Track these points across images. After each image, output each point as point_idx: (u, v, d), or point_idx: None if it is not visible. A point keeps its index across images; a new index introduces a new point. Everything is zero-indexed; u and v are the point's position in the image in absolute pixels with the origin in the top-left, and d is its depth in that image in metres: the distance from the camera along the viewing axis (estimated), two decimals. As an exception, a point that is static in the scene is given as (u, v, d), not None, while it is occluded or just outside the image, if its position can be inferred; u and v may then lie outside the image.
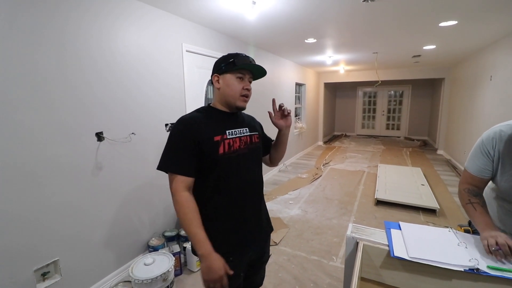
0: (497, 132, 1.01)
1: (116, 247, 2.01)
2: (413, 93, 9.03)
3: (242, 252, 1.06)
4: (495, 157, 1.01)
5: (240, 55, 1.04)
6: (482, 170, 1.05)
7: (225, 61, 1.04)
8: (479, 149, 1.05)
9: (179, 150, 0.97)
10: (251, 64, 1.03)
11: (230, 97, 1.04)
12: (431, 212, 3.16)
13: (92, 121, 1.82)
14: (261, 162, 1.19)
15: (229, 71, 1.03)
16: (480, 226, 0.97)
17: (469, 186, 1.09)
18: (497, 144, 1.00)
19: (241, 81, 1.04)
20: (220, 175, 1.01)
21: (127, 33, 2.02)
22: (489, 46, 4.02)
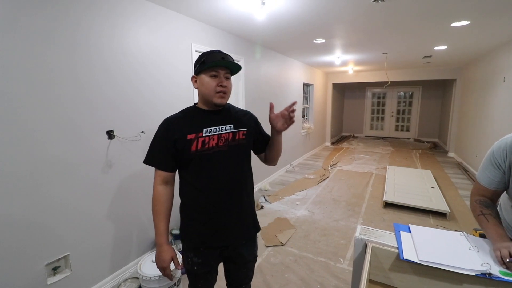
0: (508, 143, 0.97)
1: (124, 243, 2.04)
2: (423, 94, 8.87)
3: (213, 245, 1.12)
4: (506, 169, 0.98)
5: (211, 53, 1.07)
6: (493, 182, 1.03)
7: (198, 62, 1.08)
8: (490, 160, 1.03)
9: (159, 147, 1.09)
10: (221, 61, 1.04)
11: (206, 96, 1.07)
12: (441, 215, 3.10)
13: (103, 119, 1.85)
14: (246, 160, 1.18)
15: (202, 71, 1.06)
16: (493, 237, 0.94)
17: (481, 198, 1.07)
18: (508, 156, 0.97)
19: (215, 78, 1.05)
20: (193, 171, 1.08)
21: (137, 33, 2.06)
22: (503, 46, 3.91)
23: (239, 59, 3.37)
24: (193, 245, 1.13)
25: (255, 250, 1.26)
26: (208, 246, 1.12)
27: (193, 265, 1.14)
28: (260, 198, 3.68)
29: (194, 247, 1.13)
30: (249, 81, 3.66)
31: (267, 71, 4.20)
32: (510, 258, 0.85)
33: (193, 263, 1.14)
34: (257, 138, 1.23)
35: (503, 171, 0.99)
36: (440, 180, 4.36)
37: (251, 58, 3.69)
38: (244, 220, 1.17)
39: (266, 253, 2.39)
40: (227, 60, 1.05)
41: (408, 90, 9.17)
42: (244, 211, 1.16)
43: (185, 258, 1.17)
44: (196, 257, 1.13)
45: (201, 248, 1.12)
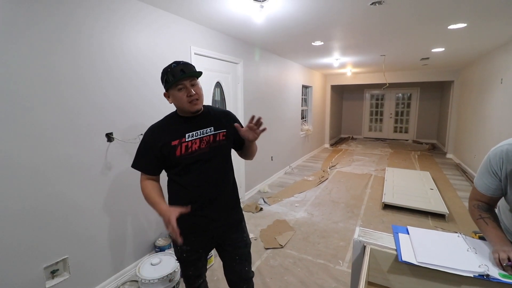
0: (504, 151, 0.97)
1: (123, 246, 2.04)
2: (421, 95, 8.91)
3: (200, 234, 1.25)
4: (502, 177, 0.98)
5: (171, 69, 1.15)
6: (490, 189, 1.03)
7: (162, 80, 1.19)
8: (487, 168, 1.03)
9: (143, 153, 1.21)
10: (182, 75, 1.12)
11: (181, 107, 1.18)
12: (440, 217, 3.11)
13: (103, 122, 1.85)
14: (227, 158, 1.29)
15: (170, 88, 1.16)
16: (493, 240, 0.95)
17: (479, 203, 1.08)
18: (505, 164, 0.97)
19: (183, 90, 1.14)
20: (179, 172, 1.19)
21: (138, 37, 2.07)
22: (500, 48, 3.95)
23: (238, 62, 3.39)
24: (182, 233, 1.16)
25: (245, 237, 1.35)
26: (195, 235, 1.24)
27: (182, 252, 1.27)
28: (259, 200, 3.67)
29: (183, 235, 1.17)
30: (248, 83, 3.67)
31: (266, 73, 4.21)
32: (509, 262, 0.85)
33: (182, 251, 1.27)
34: (236, 137, 1.30)
35: (500, 179, 0.99)
36: (438, 182, 4.37)
37: (250, 61, 3.70)
38: (228, 210, 1.29)
39: (265, 255, 2.39)
40: (188, 72, 1.13)
41: (406, 91, 9.21)
42: (227, 201, 1.28)
43: (175, 247, 1.30)
44: (185, 244, 1.24)
45: (188, 235, 1.21)
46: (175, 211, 1.09)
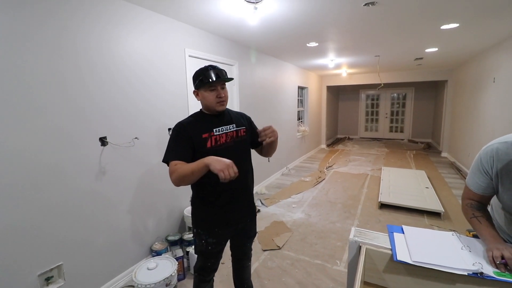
0: (494, 149, 0.98)
1: (119, 251, 2.02)
2: (416, 95, 8.99)
3: (226, 227, 1.36)
4: (493, 175, 0.99)
5: (207, 71, 1.27)
6: (481, 188, 1.04)
7: (196, 79, 1.30)
8: (478, 167, 1.04)
9: (176, 144, 1.26)
10: (216, 80, 1.25)
11: (209, 106, 1.31)
12: (435, 215, 3.13)
13: (96, 126, 1.84)
14: (248, 152, 1.44)
15: (201, 86, 1.29)
16: (486, 238, 0.96)
17: (471, 201, 1.08)
18: (495, 163, 0.98)
19: (214, 91, 1.28)
20: None
21: (128, 39, 2.05)
22: (492, 48, 4.00)
23: (233, 63, 3.39)
24: (209, 227, 1.34)
25: (255, 228, 1.55)
26: (222, 227, 1.35)
27: (207, 245, 1.35)
28: (257, 201, 3.67)
29: (210, 229, 1.34)
30: (244, 85, 3.67)
31: (262, 75, 4.22)
32: (502, 260, 0.86)
33: (208, 244, 1.35)
34: (252, 135, 1.48)
35: (490, 178, 1.00)
36: (434, 180, 4.41)
37: (245, 62, 3.71)
38: (250, 202, 1.45)
39: (263, 257, 2.38)
40: (222, 78, 1.28)
41: (401, 91, 9.29)
42: (249, 194, 1.44)
43: (199, 241, 1.37)
44: (211, 237, 1.34)
45: (215, 229, 1.34)
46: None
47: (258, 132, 1.34)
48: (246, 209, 1.43)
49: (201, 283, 1.45)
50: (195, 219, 1.39)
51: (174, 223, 2.54)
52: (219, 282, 2.04)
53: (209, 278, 1.46)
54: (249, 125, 1.49)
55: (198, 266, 1.44)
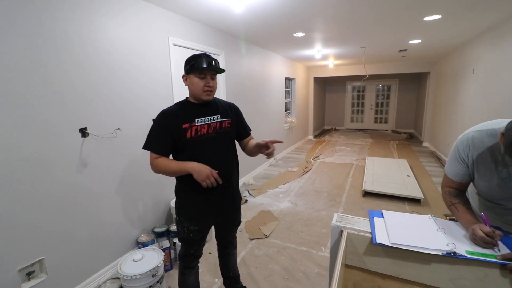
0: (469, 138, 1.02)
1: (104, 244, 1.99)
2: (400, 87, 9.19)
3: (208, 215, 1.39)
4: (469, 163, 1.03)
5: (199, 58, 1.26)
6: (458, 175, 1.08)
7: (188, 64, 1.29)
8: (455, 155, 1.07)
9: (156, 135, 1.28)
10: (208, 67, 1.24)
11: (195, 93, 1.30)
12: (416, 202, 3.26)
13: (75, 117, 1.77)
14: (231, 143, 1.44)
15: (192, 72, 1.27)
16: (464, 224, 0.99)
17: (450, 189, 1.12)
18: (471, 151, 1.01)
19: (203, 79, 1.27)
20: (189, 155, 1.28)
21: (110, 26, 1.97)
22: (472, 40, 4.12)
23: (219, 53, 3.33)
24: (191, 215, 1.36)
25: (239, 217, 1.58)
26: (205, 215, 1.38)
27: (189, 232, 1.37)
28: (244, 192, 3.69)
29: (192, 217, 1.36)
30: (230, 75, 3.62)
31: (249, 65, 4.18)
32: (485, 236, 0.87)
33: (189, 231, 1.37)
34: (238, 128, 1.48)
35: (467, 165, 1.04)
36: (415, 169, 4.57)
37: (232, 52, 3.65)
38: (232, 192, 1.45)
39: (250, 245, 2.41)
40: (214, 66, 1.27)
41: (385, 83, 9.47)
42: (232, 185, 1.43)
43: (181, 228, 1.39)
44: (193, 225, 1.36)
45: (197, 217, 1.36)
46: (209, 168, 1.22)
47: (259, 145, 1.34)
48: (229, 199, 1.44)
49: (185, 269, 1.47)
50: (177, 207, 1.41)
51: (161, 215, 2.52)
52: (207, 272, 2.06)
53: (193, 264, 1.48)
54: (236, 117, 1.47)
55: (181, 253, 1.46)
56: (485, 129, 0.99)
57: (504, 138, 0.81)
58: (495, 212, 1.06)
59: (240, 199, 1.57)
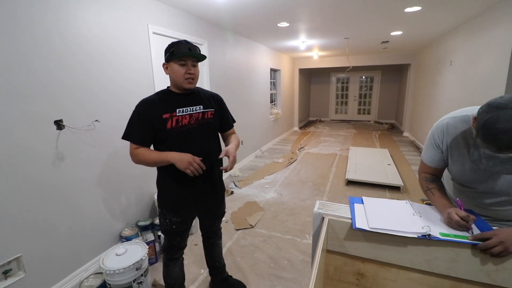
0: (444, 124, 1.05)
1: (85, 239, 1.94)
2: (382, 78, 9.40)
3: (190, 206, 1.37)
4: (444, 148, 1.07)
5: (179, 44, 1.22)
6: (434, 161, 1.12)
7: (168, 51, 1.24)
8: (430, 141, 1.11)
9: (136, 125, 1.24)
10: (188, 52, 1.20)
11: (177, 81, 1.26)
12: (396, 189, 3.39)
13: (50, 108, 1.68)
14: (214, 134, 1.41)
15: (172, 59, 1.23)
16: (439, 208, 1.04)
17: (426, 175, 1.16)
18: (445, 137, 1.05)
19: (184, 66, 1.23)
20: (170, 146, 1.25)
21: (86, 12, 1.87)
22: (450, 33, 4.25)
23: (202, 42, 3.25)
24: (173, 207, 1.34)
25: (223, 208, 1.58)
26: (187, 207, 1.36)
27: (172, 224, 1.36)
28: (230, 184, 3.69)
29: (174, 209, 1.34)
30: (214, 65, 3.56)
31: (233, 55, 4.11)
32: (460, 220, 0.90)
33: (172, 223, 1.36)
34: (221, 119, 1.45)
35: (441, 151, 1.08)
36: (395, 158, 4.73)
37: (216, 42, 3.57)
38: (215, 183, 1.43)
39: (236, 236, 2.43)
40: (194, 52, 1.22)
41: (369, 75, 9.65)
42: (214, 175, 1.40)
43: (163, 220, 1.38)
44: (176, 216, 1.35)
45: (179, 208, 1.35)
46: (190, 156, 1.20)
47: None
48: (212, 190, 1.42)
49: (169, 261, 1.47)
50: (160, 199, 1.38)
51: (145, 208, 2.47)
52: (192, 263, 2.06)
53: (177, 256, 1.47)
54: (220, 107, 1.44)
55: (165, 245, 1.45)
56: (459, 116, 1.03)
57: (476, 122, 0.85)
58: (467, 196, 1.12)
59: (224, 190, 1.56)
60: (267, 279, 1.88)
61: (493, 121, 0.77)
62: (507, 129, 0.74)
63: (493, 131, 0.77)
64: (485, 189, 1.02)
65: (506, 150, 0.77)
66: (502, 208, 1.03)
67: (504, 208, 1.03)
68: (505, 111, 0.75)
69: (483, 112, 0.81)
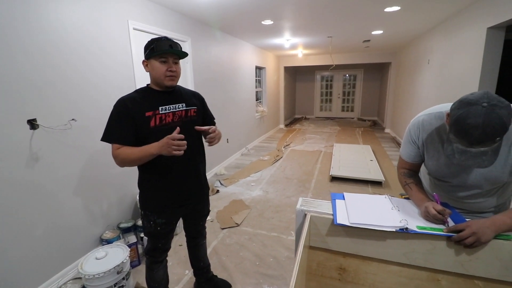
0: (420, 121, 1.09)
1: (63, 244, 1.86)
2: (365, 76, 9.62)
3: (174, 207, 1.34)
4: (420, 144, 1.11)
5: (160, 41, 1.19)
6: (411, 156, 1.15)
7: (148, 48, 1.20)
8: (407, 137, 1.15)
9: (116, 124, 1.18)
10: (169, 49, 1.17)
11: (158, 79, 1.22)
12: (378, 184, 3.49)
13: (22, 107, 1.59)
14: (197, 133, 1.36)
15: (152, 56, 1.19)
16: (417, 201, 1.07)
17: (404, 170, 1.20)
18: (421, 133, 1.09)
19: (165, 64, 1.20)
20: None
21: (64, 7, 1.79)
22: (428, 32, 4.40)
23: (185, 39, 3.18)
24: (157, 208, 1.30)
25: (208, 206, 1.56)
26: (172, 207, 1.33)
27: (156, 226, 1.31)
28: (216, 183, 3.66)
29: (158, 210, 1.30)
30: (198, 62, 3.50)
31: (218, 53, 4.06)
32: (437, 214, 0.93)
33: (157, 224, 1.31)
34: (203, 116, 1.45)
35: (418, 147, 1.12)
36: (377, 154, 4.87)
37: (200, 39, 3.51)
38: (200, 182, 1.41)
39: (222, 235, 2.42)
40: (175, 49, 1.19)
41: (352, 73, 9.85)
42: (199, 174, 1.40)
43: (147, 222, 1.33)
44: (160, 218, 1.31)
45: (163, 209, 1.31)
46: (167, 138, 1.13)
47: (201, 132, 1.33)
48: (196, 189, 1.40)
49: (153, 264, 1.43)
50: (142, 200, 1.34)
51: (127, 209, 2.40)
52: (177, 264, 2.03)
53: (161, 258, 1.44)
54: (201, 105, 1.44)
55: (148, 248, 1.41)
56: (433, 113, 1.07)
57: (449, 118, 0.88)
58: (443, 190, 1.16)
59: (208, 188, 1.54)
60: (253, 277, 1.88)
61: (464, 117, 0.80)
62: (477, 124, 0.77)
63: (464, 127, 0.80)
64: (458, 183, 1.06)
65: (476, 145, 0.80)
66: (475, 201, 1.08)
67: (477, 200, 1.07)
68: (476, 107, 0.78)
69: (455, 108, 0.84)
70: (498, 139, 0.79)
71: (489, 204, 1.08)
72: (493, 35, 2.60)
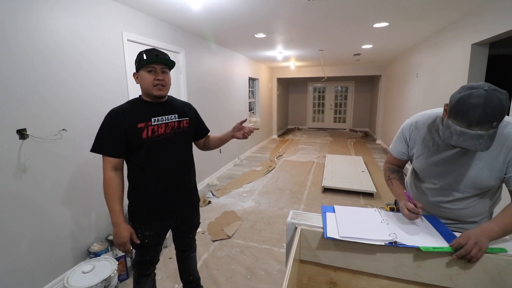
0: (414, 121, 1.17)
1: (49, 256, 1.80)
2: (356, 88, 9.84)
3: (162, 219, 1.32)
4: (410, 143, 1.18)
5: (147, 51, 1.21)
6: (400, 153, 1.23)
7: (136, 60, 1.24)
8: (400, 135, 1.23)
9: (107, 135, 1.18)
10: (155, 58, 1.19)
11: (146, 89, 1.23)
12: (369, 195, 3.52)
13: (11, 116, 1.57)
14: (189, 144, 1.41)
15: (141, 68, 1.21)
16: (397, 196, 1.16)
17: (390, 165, 1.30)
18: (413, 132, 1.16)
19: (152, 73, 1.20)
20: (143, 155, 1.22)
21: (58, 18, 1.80)
22: (416, 46, 4.57)
23: (179, 51, 3.22)
24: (145, 220, 1.29)
25: (198, 218, 1.54)
26: (161, 219, 1.31)
27: (144, 238, 1.29)
28: (208, 193, 3.63)
29: (146, 222, 1.29)
30: (191, 74, 3.53)
31: (211, 64, 4.11)
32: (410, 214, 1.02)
33: (144, 237, 1.29)
34: (196, 127, 1.46)
35: (407, 145, 1.19)
36: (369, 165, 4.93)
37: (193, 50, 3.55)
38: (190, 193, 1.41)
39: (213, 247, 2.38)
40: (161, 57, 1.20)
41: (343, 85, 10.06)
42: (189, 186, 1.40)
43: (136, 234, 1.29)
44: (148, 230, 1.29)
45: (153, 221, 1.29)
46: (130, 236, 1.20)
47: (237, 128, 1.45)
48: (185, 201, 1.40)
49: (140, 277, 1.40)
50: (131, 211, 1.32)
51: (116, 221, 2.35)
52: (166, 278, 1.98)
53: (149, 271, 1.41)
54: (195, 115, 1.45)
55: (136, 261, 1.38)
56: (428, 113, 1.14)
57: (448, 105, 0.92)
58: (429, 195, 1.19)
59: (199, 200, 1.53)
60: (244, 290, 1.85)
61: (467, 97, 0.84)
62: (479, 103, 0.81)
63: (466, 106, 0.83)
64: (444, 184, 1.10)
65: (475, 126, 0.83)
66: (459, 207, 1.11)
67: (461, 206, 1.11)
68: (478, 90, 0.83)
69: (457, 93, 0.89)
70: (495, 124, 0.83)
71: (473, 212, 1.11)
72: (477, 51, 2.71)
